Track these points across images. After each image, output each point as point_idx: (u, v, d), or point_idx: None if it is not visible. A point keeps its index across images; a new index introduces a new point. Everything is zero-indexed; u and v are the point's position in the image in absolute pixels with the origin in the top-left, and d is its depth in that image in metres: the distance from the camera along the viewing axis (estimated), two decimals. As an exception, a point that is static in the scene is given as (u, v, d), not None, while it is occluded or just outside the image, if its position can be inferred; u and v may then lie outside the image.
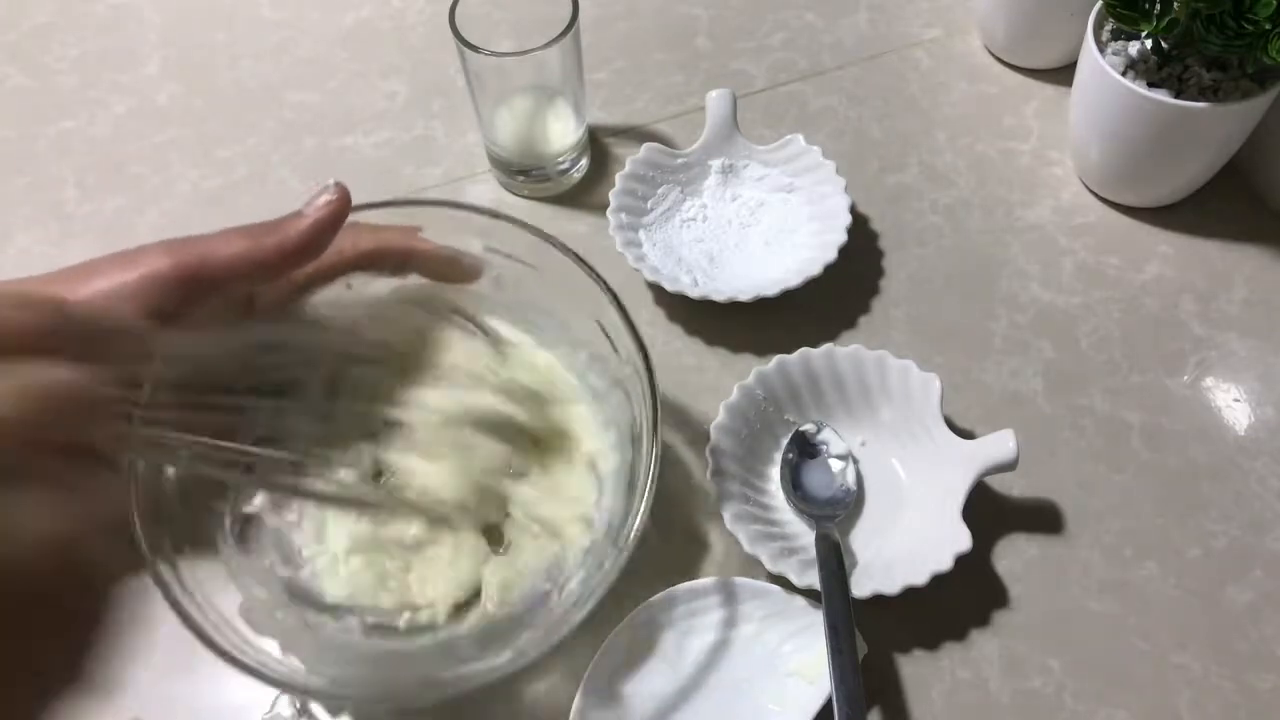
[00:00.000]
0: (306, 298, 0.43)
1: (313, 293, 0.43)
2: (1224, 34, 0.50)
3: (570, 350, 0.48)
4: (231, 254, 0.38)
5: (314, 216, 0.39)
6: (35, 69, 0.72)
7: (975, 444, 0.49)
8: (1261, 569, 0.49)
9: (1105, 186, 0.61)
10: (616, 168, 0.61)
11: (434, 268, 0.45)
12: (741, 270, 0.58)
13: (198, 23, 0.74)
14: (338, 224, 0.39)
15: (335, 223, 0.39)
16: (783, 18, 0.72)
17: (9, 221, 0.64)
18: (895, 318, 0.57)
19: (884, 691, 0.46)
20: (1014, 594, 0.48)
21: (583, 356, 0.47)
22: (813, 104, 0.67)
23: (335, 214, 0.39)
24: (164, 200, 0.65)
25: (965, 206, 0.62)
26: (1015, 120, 0.66)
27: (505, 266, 0.46)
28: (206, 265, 0.37)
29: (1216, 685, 0.46)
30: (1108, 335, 0.56)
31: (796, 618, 0.46)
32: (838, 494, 0.50)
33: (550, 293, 0.46)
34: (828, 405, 0.52)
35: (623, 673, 0.45)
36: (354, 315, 0.45)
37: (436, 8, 0.74)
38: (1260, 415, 0.54)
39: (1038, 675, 0.47)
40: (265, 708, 0.46)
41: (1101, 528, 0.50)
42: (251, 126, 0.68)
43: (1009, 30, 0.67)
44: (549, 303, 0.47)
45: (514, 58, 0.54)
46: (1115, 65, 0.55)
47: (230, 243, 0.38)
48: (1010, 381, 0.55)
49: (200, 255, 0.37)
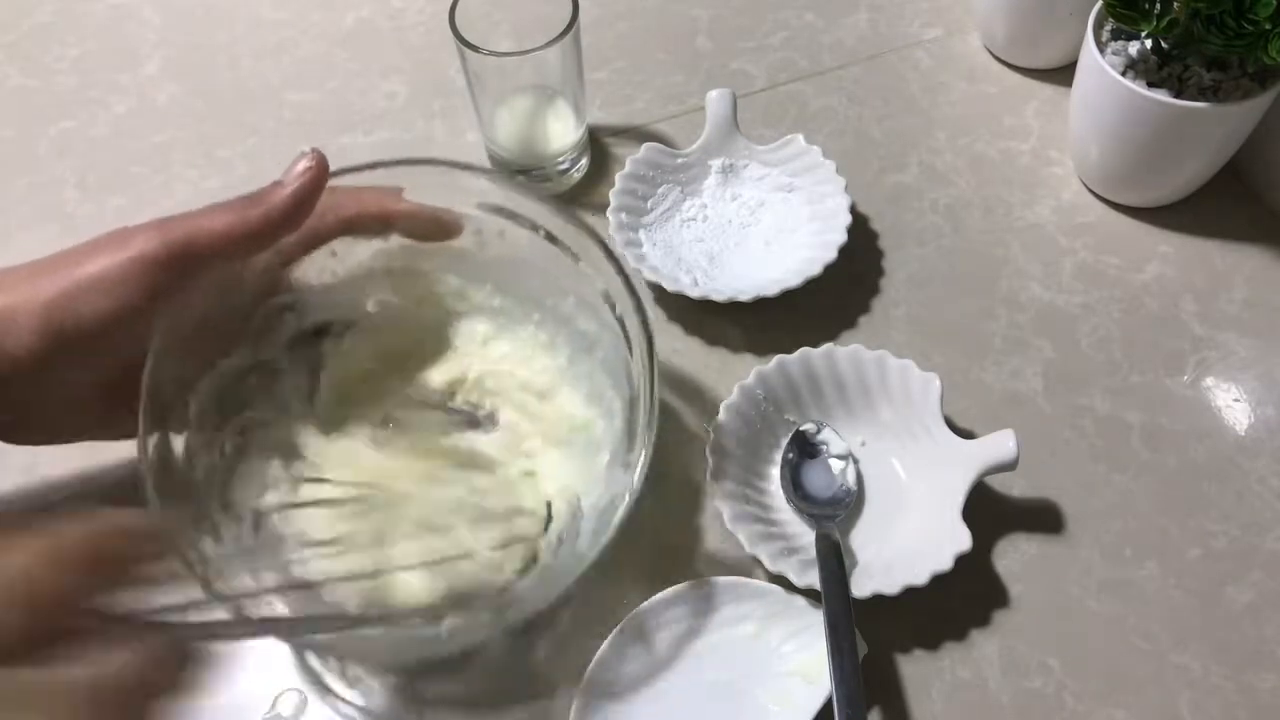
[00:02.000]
0: (292, 266, 0.44)
1: (298, 261, 0.44)
2: (1224, 34, 0.50)
3: (558, 299, 0.48)
4: (218, 229, 0.39)
5: (294, 185, 0.40)
6: (35, 69, 0.72)
7: (975, 444, 0.49)
8: (1261, 569, 0.49)
9: (1105, 186, 0.61)
10: (616, 168, 0.61)
11: (415, 227, 0.46)
12: (741, 270, 0.58)
13: (198, 23, 0.74)
14: (318, 190, 0.40)
15: (316, 189, 0.40)
16: (783, 18, 0.72)
17: (9, 221, 0.64)
18: (895, 318, 0.57)
19: (884, 691, 0.46)
20: (1014, 594, 0.48)
21: (570, 301, 0.47)
22: (813, 104, 0.67)
23: (315, 180, 0.40)
24: (164, 200, 0.65)
25: (965, 206, 0.62)
26: (1015, 120, 0.66)
27: (486, 221, 0.46)
28: (195, 242, 0.38)
29: (1216, 685, 0.46)
30: (1108, 335, 0.56)
31: (796, 618, 0.46)
32: (838, 494, 0.50)
33: (532, 245, 0.46)
34: (828, 405, 0.52)
35: (623, 672, 0.45)
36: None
37: (436, 8, 0.74)
38: (1260, 415, 0.54)
39: (1038, 675, 0.47)
40: (265, 708, 0.46)
41: (1101, 528, 0.50)
42: (251, 126, 0.68)
43: (1009, 30, 0.67)
44: (531, 254, 0.47)
45: (514, 58, 0.54)
46: (1115, 65, 0.55)
47: (216, 218, 0.39)
48: (1010, 381, 0.55)
49: (188, 232, 0.38)
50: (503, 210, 0.46)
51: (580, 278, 0.46)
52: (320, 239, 0.44)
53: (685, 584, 0.47)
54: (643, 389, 0.42)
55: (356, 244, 0.46)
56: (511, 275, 0.48)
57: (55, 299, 0.38)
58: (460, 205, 0.46)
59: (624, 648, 0.46)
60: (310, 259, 0.45)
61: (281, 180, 0.40)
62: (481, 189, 0.46)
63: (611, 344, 0.45)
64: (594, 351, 0.47)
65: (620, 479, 0.41)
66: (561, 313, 0.48)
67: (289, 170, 0.40)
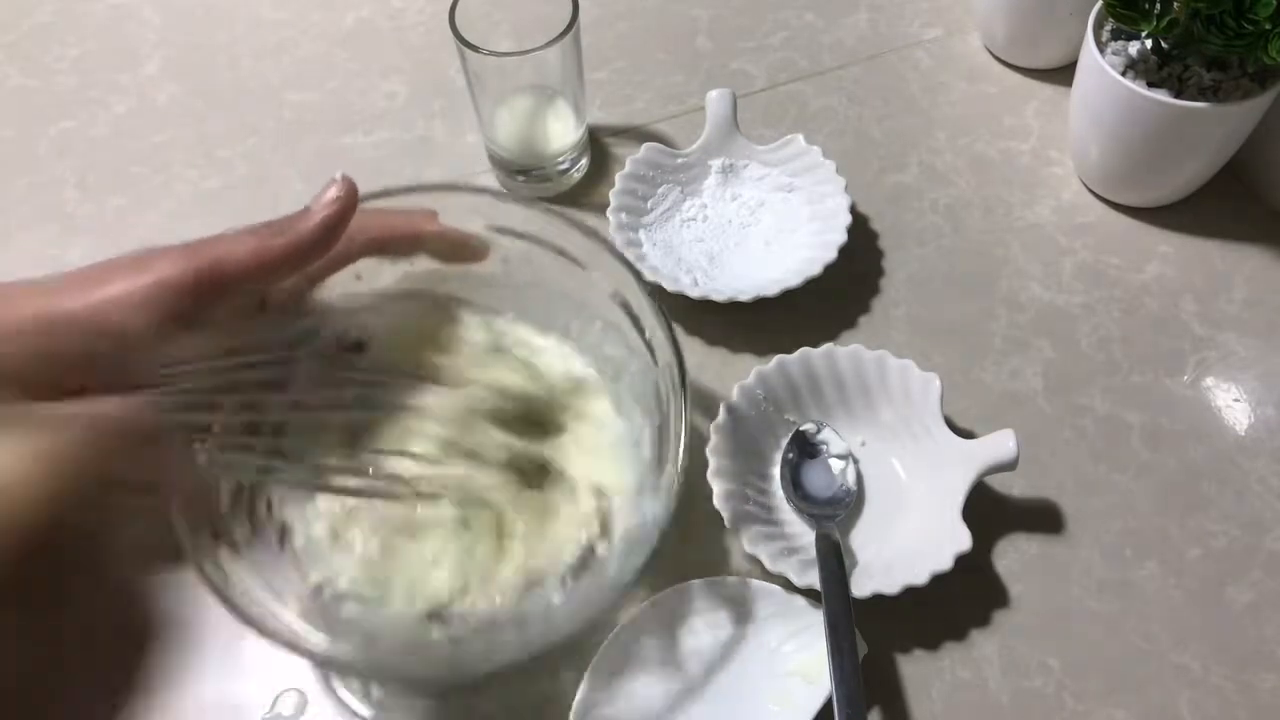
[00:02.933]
0: (316, 289, 0.44)
1: (322, 284, 0.44)
2: (1224, 34, 0.50)
3: (584, 324, 0.47)
4: (243, 256, 0.38)
5: (322, 214, 0.39)
6: (35, 69, 0.72)
7: (975, 444, 0.49)
8: (1261, 569, 0.49)
9: (1105, 186, 0.61)
10: (616, 168, 0.61)
11: (441, 250, 0.45)
12: (741, 270, 0.58)
13: (198, 23, 0.74)
14: (346, 219, 0.39)
15: (344, 218, 0.39)
16: (783, 18, 0.72)
17: (9, 221, 0.64)
18: (895, 317, 0.57)
19: (884, 691, 0.46)
20: (1014, 594, 0.48)
21: (597, 326, 0.47)
22: (813, 104, 0.67)
23: (344, 210, 0.39)
24: (164, 200, 0.65)
25: (965, 206, 0.62)
26: (1015, 120, 0.66)
27: (512, 246, 0.46)
28: (219, 269, 0.38)
29: (1216, 685, 0.46)
30: (1108, 335, 0.56)
31: (796, 618, 0.46)
32: (838, 494, 0.50)
33: (559, 269, 0.46)
34: (828, 405, 0.52)
35: (624, 672, 0.45)
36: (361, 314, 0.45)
37: (436, 8, 0.74)
38: (1260, 415, 0.54)
39: (1038, 675, 0.47)
40: (265, 708, 0.46)
41: (1101, 528, 0.50)
42: (251, 126, 0.68)
43: (1009, 30, 0.67)
44: (558, 279, 0.47)
45: (514, 58, 0.54)
46: (1115, 65, 0.55)
47: (241, 244, 0.38)
48: (1010, 381, 0.55)
49: (213, 259, 0.38)
50: (528, 235, 0.46)
51: (607, 302, 0.45)
52: (346, 260, 0.43)
53: (685, 584, 0.47)
54: (673, 414, 0.41)
55: (382, 266, 0.45)
56: (537, 301, 0.48)
57: (81, 315, 0.38)
58: (486, 229, 0.46)
59: (625, 648, 0.46)
60: (336, 279, 0.44)
61: (310, 207, 0.39)
62: (509, 214, 0.45)
63: (639, 370, 0.45)
64: (620, 378, 0.47)
65: (649, 505, 0.41)
66: (589, 340, 0.48)
67: (318, 198, 0.39)
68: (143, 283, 0.37)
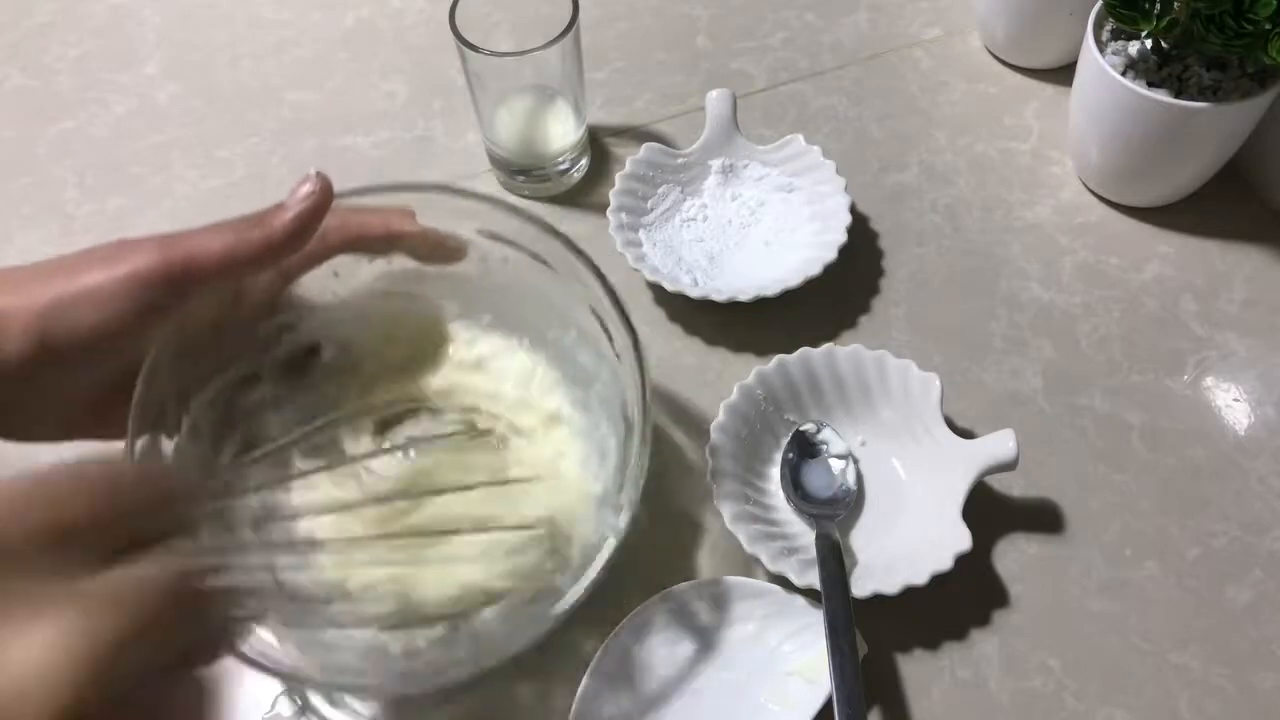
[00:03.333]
0: (292, 285, 0.44)
1: (298, 280, 0.43)
2: (1224, 34, 0.50)
3: (560, 330, 0.47)
4: (217, 249, 0.38)
5: (297, 209, 0.39)
6: (35, 69, 0.72)
7: (975, 444, 0.49)
8: (1261, 569, 0.49)
9: (1105, 186, 0.61)
10: (616, 168, 0.61)
11: (418, 249, 0.45)
12: (741, 270, 0.58)
13: (198, 23, 0.74)
14: (321, 214, 0.39)
15: (318, 213, 0.39)
16: (783, 18, 0.72)
17: (9, 221, 0.64)
18: (895, 317, 0.57)
19: (884, 691, 0.46)
20: (1014, 594, 0.48)
21: (571, 334, 0.47)
22: (813, 104, 0.67)
23: (318, 205, 0.39)
24: (164, 200, 0.65)
25: (965, 206, 0.62)
26: (1015, 120, 0.66)
27: (491, 248, 0.46)
28: (193, 261, 0.38)
29: (1216, 685, 0.46)
30: (1108, 335, 0.56)
31: (796, 618, 0.46)
32: (838, 494, 0.50)
33: (536, 274, 0.46)
34: (828, 405, 0.52)
35: (623, 672, 0.45)
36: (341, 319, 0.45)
37: (436, 8, 0.74)
38: (1260, 415, 0.54)
39: (1038, 675, 0.47)
40: (266, 708, 0.46)
41: (1101, 528, 0.50)
42: (251, 126, 0.68)
43: (1009, 30, 0.67)
44: (534, 284, 0.46)
45: (514, 58, 0.54)
46: (1115, 65, 0.55)
47: (216, 238, 0.38)
48: (1010, 381, 0.55)
49: (186, 252, 0.38)
50: (505, 238, 0.46)
51: (582, 311, 0.45)
52: (322, 256, 0.43)
53: (685, 584, 0.47)
54: (636, 431, 0.41)
55: (359, 264, 0.45)
56: (513, 304, 0.48)
57: (48, 307, 0.37)
58: (465, 230, 0.46)
59: (624, 648, 0.46)
60: (312, 277, 0.44)
61: (284, 203, 0.39)
62: (486, 215, 0.45)
63: (609, 379, 0.45)
64: (592, 386, 0.46)
65: (609, 520, 0.40)
66: (563, 346, 0.47)
67: (292, 193, 0.39)
68: (116, 273, 0.37)
